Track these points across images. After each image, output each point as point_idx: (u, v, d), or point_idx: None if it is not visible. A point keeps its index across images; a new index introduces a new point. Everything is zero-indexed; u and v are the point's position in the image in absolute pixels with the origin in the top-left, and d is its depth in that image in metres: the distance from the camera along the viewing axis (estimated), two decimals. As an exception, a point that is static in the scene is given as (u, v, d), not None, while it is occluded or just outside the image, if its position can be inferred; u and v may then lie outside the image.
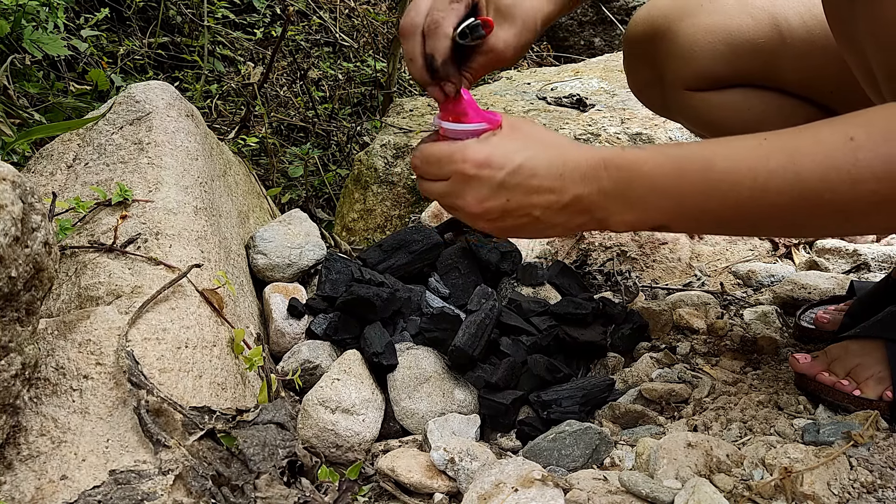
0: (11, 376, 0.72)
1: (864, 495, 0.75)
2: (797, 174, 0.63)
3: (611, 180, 0.69)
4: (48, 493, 0.73)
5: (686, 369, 1.11)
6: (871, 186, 0.61)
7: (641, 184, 0.68)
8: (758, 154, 0.65)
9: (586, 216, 0.72)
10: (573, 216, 0.71)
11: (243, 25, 2.81)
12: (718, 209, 0.67)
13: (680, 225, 0.74)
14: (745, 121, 1.03)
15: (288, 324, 1.17)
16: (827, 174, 0.62)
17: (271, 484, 0.82)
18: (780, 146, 0.65)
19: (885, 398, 0.89)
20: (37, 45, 1.59)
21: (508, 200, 0.71)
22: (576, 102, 1.95)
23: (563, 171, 0.70)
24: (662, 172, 0.68)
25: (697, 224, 0.73)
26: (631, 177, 0.69)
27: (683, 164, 0.68)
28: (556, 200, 0.70)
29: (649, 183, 0.68)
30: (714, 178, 0.66)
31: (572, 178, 0.70)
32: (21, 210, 0.69)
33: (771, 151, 0.65)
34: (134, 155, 1.14)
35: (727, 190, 0.66)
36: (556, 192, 0.70)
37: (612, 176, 0.69)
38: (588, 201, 0.70)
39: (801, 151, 0.64)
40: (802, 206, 0.64)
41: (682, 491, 0.75)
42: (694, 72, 0.99)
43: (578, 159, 0.70)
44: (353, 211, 1.79)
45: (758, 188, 0.64)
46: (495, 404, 1.06)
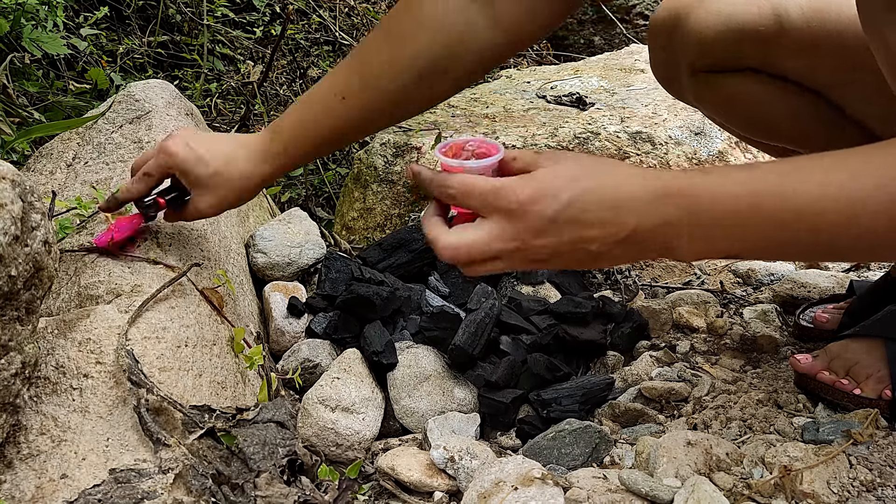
0: (11, 375, 0.72)
1: (863, 494, 0.75)
2: (890, 193, 0.59)
3: (678, 209, 0.64)
4: (48, 491, 0.73)
5: (686, 368, 1.11)
6: None
7: (712, 215, 0.64)
8: (840, 176, 0.61)
9: (649, 246, 0.66)
10: (634, 247, 0.66)
11: (243, 24, 2.80)
12: (801, 237, 0.64)
13: (755, 255, 0.72)
14: (754, 105, 1.05)
15: (288, 322, 1.17)
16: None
17: (271, 482, 0.83)
18: (860, 168, 0.62)
19: (884, 397, 0.89)
20: (36, 43, 1.59)
21: (561, 237, 0.65)
22: (575, 101, 1.95)
23: (618, 202, 0.64)
24: (737, 204, 0.63)
25: (776, 254, 0.70)
26: (700, 208, 0.64)
27: (760, 198, 0.63)
28: (614, 234, 0.64)
29: (721, 215, 0.63)
30: (791, 207, 0.62)
31: (630, 208, 0.64)
32: (21, 209, 0.69)
33: (858, 173, 0.61)
34: (134, 154, 1.13)
35: (812, 219, 0.62)
36: (613, 224, 0.64)
37: (678, 205, 0.64)
38: (650, 232, 0.64)
39: (889, 169, 0.60)
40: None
41: (682, 489, 0.75)
42: (703, 56, 1.03)
43: (634, 189, 0.65)
44: (353, 210, 1.79)
45: (844, 213, 0.61)
46: (495, 403, 1.06)
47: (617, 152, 1.66)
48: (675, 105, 1.81)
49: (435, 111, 2.05)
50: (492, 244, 0.65)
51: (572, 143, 1.69)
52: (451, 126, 1.89)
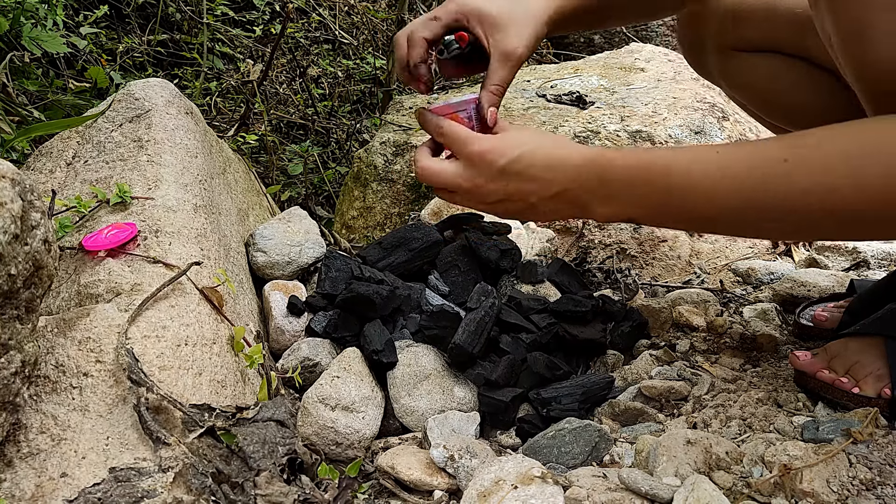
0: (11, 374, 0.72)
1: (863, 493, 0.75)
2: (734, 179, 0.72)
3: (593, 175, 0.79)
4: (48, 490, 0.73)
5: (685, 367, 1.11)
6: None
7: (620, 181, 0.78)
8: (717, 159, 0.73)
9: (572, 206, 0.82)
10: (562, 205, 0.82)
11: (242, 23, 2.80)
12: (680, 208, 0.76)
13: (650, 220, 0.83)
14: (780, 87, 1.08)
15: (287, 321, 1.17)
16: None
17: (271, 481, 0.83)
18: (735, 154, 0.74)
19: (884, 395, 0.89)
20: (36, 42, 1.59)
21: (507, 185, 0.81)
22: (575, 100, 1.95)
23: (556, 164, 0.80)
24: (628, 168, 0.77)
25: (665, 219, 0.81)
26: (611, 174, 0.78)
27: (649, 165, 0.76)
28: (547, 190, 0.80)
29: (626, 182, 0.77)
30: (676, 173, 0.74)
31: (563, 171, 0.80)
32: (20, 208, 0.69)
33: (725, 155, 0.74)
34: (133, 152, 1.13)
35: (686, 190, 0.74)
36: (548, 183, 0.80)
37: (595, 171, 0.79)
38: (573, 194, 0.80)
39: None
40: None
41: (682, 488, 0.75)
42: (733, 32, 1.06)
43: (572, 156, 0.80)
44: (353, 208, 1.78)
45: (710, 186, 0.73)
46: (495, 402, 1.06)
47: (617, 151, 1.66)
48: (675, 104, 1.81)
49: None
50: (454, 178, 0.84)
51: (572, 142, 1.69)
52: (450, 125, 1.89)
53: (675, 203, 0.75)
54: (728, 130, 1.71)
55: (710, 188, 0.72)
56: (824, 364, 0.95)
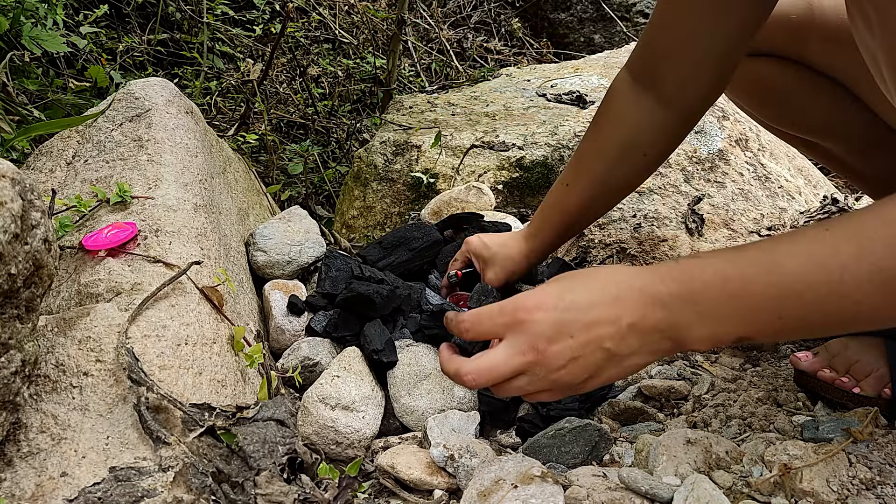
0: (11, 373, 0.72)
1: (863, 492, 0.75)
2: (872, 263, 0.58)
3: (671, 295, 0.64)
4: (48, 489, 0.73)
5: (685, 366, 1.11)
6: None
7: (706, 294, 0.63)
8: (824, 247, 0.60)
9: (658, 337, 0.66)
10: (645, 339, 0.66)
11: (242, 22, 2.80)
12: (797, 313, 0.61)
13: (762, 334, 0.67)
14: (779, 91, 1.06)
15: (288, 321, 1.17)
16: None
17: (271, 481, 0.83)
18: (846, 235, 0.60)
19: (884, 395, 0.89)
20: (36, 41, 1.59)
21: (572, 338, 0.66)
22: (576, 99, 1.95)
23: (618, 294, 0.66)
24: (725, 279, 0.63)
25: (780, 330, 0.66)
26: (692, 288, 0.64)
27: (748, 267, 0.63)
28: (620, 327, 0.65)
29: (713, 292, 0.63)
30: (786, 281, 0.61)
31: (631, 298, 0.66)
32: (21, 207, 0.69)
33: (838, 242, 0.60)
34: (133, 152, 1.13)
35: (803, 291, 0.60)
36: (618, 318, 0.65)
37: (671, 290, 0.64)
38: (653, 320, 0.65)
39: (869, 236, 0.58)
40: (890, 296, 0.58)
41: (682, 487, 0.75)
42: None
43: (631, 280, 0.67)
44: (353, 208, 1.78)
45: (835, 284, 0.59)
46: (495, 401, 1.06)
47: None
48: (675, 103, 1.81)
49: (435, 109, 2.05)
50: (511, 359, 0.67)
51: (572, 142, 1.69)
52: (451, 124, 1.89)
53: (792, 310, 0.61)
54: (728, 130, 1.71)
55: (836, 280, 0.59)
56: (824, 364, 0.95)
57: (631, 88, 1.00)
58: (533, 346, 0.66)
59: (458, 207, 1.55)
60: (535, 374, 0.67)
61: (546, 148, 1.69)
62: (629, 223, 1.51)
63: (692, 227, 1.49)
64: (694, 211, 1.52)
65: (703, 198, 1.54)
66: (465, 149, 1.74)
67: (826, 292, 0.59)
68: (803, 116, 1.07)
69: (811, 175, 1.82)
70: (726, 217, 1.51)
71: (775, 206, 1.57)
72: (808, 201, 1.65)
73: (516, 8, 3.59)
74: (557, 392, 0.69)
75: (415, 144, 1.78)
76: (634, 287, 0.66)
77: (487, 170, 1.69)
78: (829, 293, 0.59)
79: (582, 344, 0.66)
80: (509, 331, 0.68)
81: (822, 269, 0.59)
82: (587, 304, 0.66)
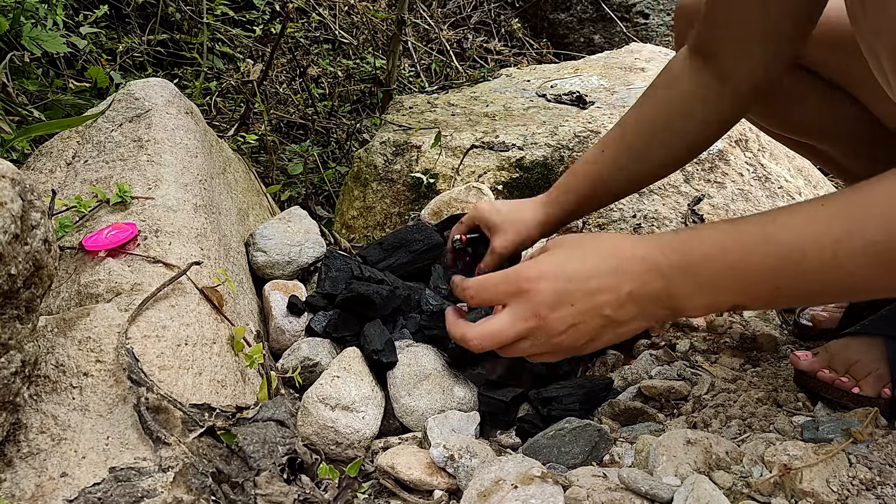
0: (11, 374, 0.72)
1: (862, 492, 0.75)
2: (864, 237, 0.59)
3: (671, 266, 0.67)
4: (48, 490, 0.73)
5: (685, 367, 1.11)
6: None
7: (705, 266, 0.66)
8: (818, 222, 0.62)
9: (656, 305, 0.68)
10: (643, 307, 0.69)
11: (242, 22, 2.80)
12: (793, 283, 0.64)
13: (757, 302, 0.70)
14: (776, 93, 1.05)
15: (288, 321, 1.17)
16: (891, 229, 0.58)
17: (271, 481, 0.83)
18: (839, 210, 0.61)
19: (884, 395, 0.89)
20: (36, 42, 1.59)
21: (573, 306, 0.68)
22: (575, 100, 1.95)
23: (619, 264, 0.68)
24: (724, 250, 0.65)
25: (776, 299, 0.69)
26: (692, 259, 0.66)
27: (745, 239, 0.64)
28: (620, 295, 0.68)
29: (712, 263, 0.66)
30: (782, 252, 0.63)
31: (630, 269, 0.68)
32: (20, 207, 0.69)
33: (831, 217, 0.61)
34: (133, 152, 1.13)
35: (798, 262, 0.62)
36: (618, 286, 0.68)
37: (671, 261, 0.67)
38: (652, 289, 0.67)
39: (861, 212, 0.60)
40: (882, 268, 0.60)
41: (682, 488, 0.75)
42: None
43: (633, 251, 0.69)
44: (353, 208, 1.78)
45: (828, 257, 0.61)
46: (495, 401, 1.06)
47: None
48: (675, 104, 1.81)
49: (435, 109, 2.05)
50: (514, 325, 0.70)
51: (572, 142, 1.69)
52: (451, 125, 1.89)
53: (788, 280, 0.63)
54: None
55: (830, 254, 0.61)
56: (824, 364, 0.95)
57: (690, 61, 0.98)
58: (535, 313, 0.69)
59: (458, 208, 1.55)
60: (538, 339, 0.70)
61: (546, 148, 1.69)
62: (629, 223, 1.51)
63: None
64: (694, 211, 1.52)
65: (703, 198, 1.54)
66: (465, 149, 1.74)
67: (819, 264, 0.61)
68: (799, 119, 1.07)
69: (811, 175, 1.82)
70: (726, 217, 1.51)
71: (775, 206, 1.57)
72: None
73: (516, 8, 3.59)
74: (559, 354, 0.73)
75: (415, 145, 1.78)
76: (635, 257, 0.68)
77: (487, 170, 1.69)
78: (823, 264, 0.61)
79: (582, 311, 0.68)
80: (512, 298, 0.71)
81: (815, 244, 0.61)
82: (588, 272, 0.69)
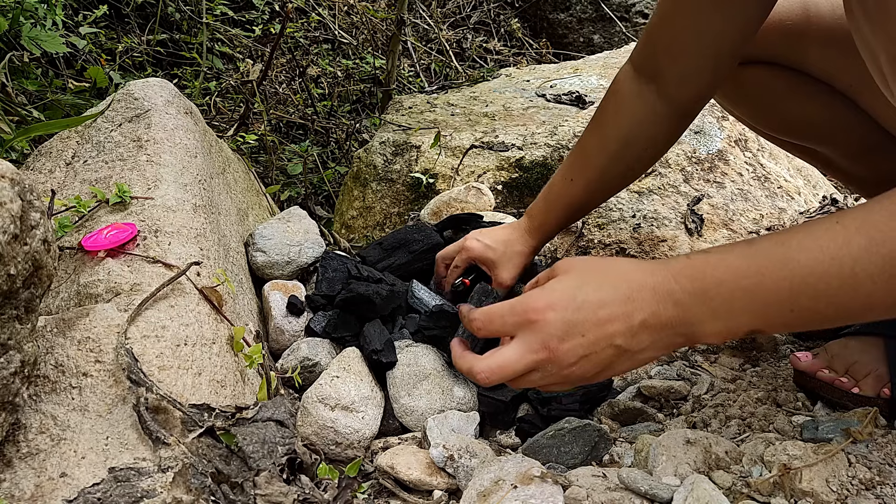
0: (11, 374, 0.72)
1: (862, 492, 0.75)
2: (882, 254, 0.58)
3: (685, 293, 0.65)
4: (48, 490, 0.73)
5: (685, 367, 1.11)
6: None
7: (720, 291, 0.64)
8: (835, 240, 0.60)
9: (670, 333, 0.67)
10: (658, 336, 0.67)
11: (242, 22, 2.80)
12: (811, 305, 0.62)
13: (775, 327, 0.67)
14: (777, 99, 1.05)
15: (287, 321, 1.17)
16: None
17: (271, 481, 0.83)
18: (856, 227, 0.60)
19: (883, 395, 0.89)
20: (35, 42, 1.59)
21: (583, 336, 0.67)
22: (575, 100, 1.95)
23: (630, 293, 0.67)
24: (739, 275, 0.64)
25: (793, 322, 0.66)
26: (706, 286, 0.65)
27: (761, 262, 0.63)
28: (632, 325, 0.66)
29: (727, 289, 0.64)
30: (798, 274, 0.61)
31: (642, 297, 0.66)
32: (20, 207, 0.69)
33: (848, 234, 0.60)
34: (133, 152, 1.13)
35: (815, 284, 0.61)
36: (629, 315, 0.66)
37: (685, 288, 0.65)
38: (665, 318, 0.66)
39: (879, 228, 0.59)
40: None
41: (681, 488, 0.75)
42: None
43: (644, 278, 0.67)
44: (353, 208, 1.78)
45: (847, 276, 0.59)
46: (494, 401, 1.06)
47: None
48: (674, 104, 1.81)
49: (434, 109, 2.05)
50: (523, 357, 0.68)
51: (571, 142, 1.69)
52: (450, 125, 1.89)
53: (806, 302, 0.62)
54: (728, 129, 1.71)
55: (848, 272, 0.59)
56: (824, 364, 0.95)
57: (634, 81, 1.01)
58: (545, 345, 0.67)
59: (458, 208, 1.55)
60: (547, 371, 0.69)
61: (545, 148, 1.69)
62: (628, 223, 1.51)
63: (691, 228, 1.49)
64: (693, 211, 1.52)
65: (703, 198, 1.54)
66: (465, 149, 1.74)
67: (838, 285, 0.60)
68: (797, 123, 1.07)
69: (810, 175, 1.82)
70: (725, 217, 1.51)
71: (774, 206, 1.57)
72: (807, 201, 1.65)
73: (516, 8, 3.59)
74: (569, 384, 0.71)
75: (414, 145, 1.78)
76: (646, 285, 0.67)
77: (487, 170, 1.69)
78: (842, 286, 0.60)
79: (593, 342, 0.67)
80: (520, 330, 0.69)
81: (834, 262, 0.60)
82: (598, 302, 0.67)
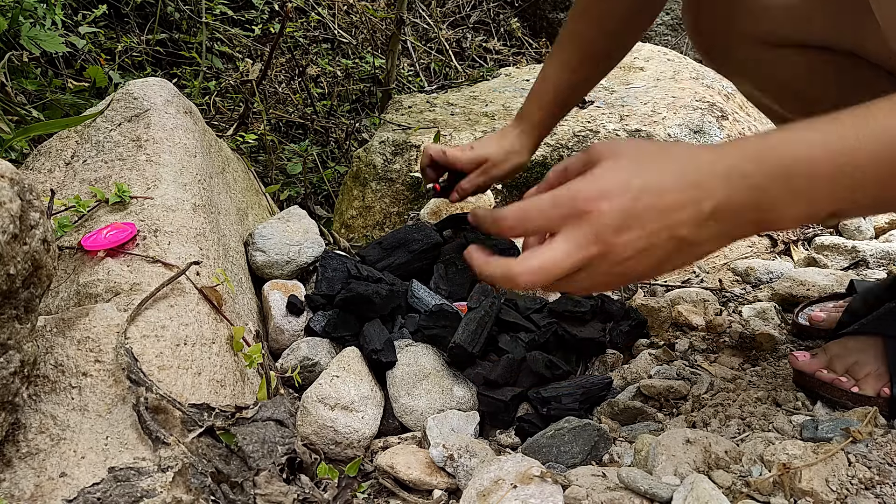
0: (10, 374, 0.72)
1: (862, 492, 0.75)
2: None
3: (762, 174, 0.58)
4: (47, 490, 0.73)
5: (685, 366, 1.11)
6: None
7: (801, 170, 0.57)
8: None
9: (741, 221, 0.60)
10: (727, 226, 0.60)
11: (241, 22, 2.80)
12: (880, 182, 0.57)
13: (858, 208, 0.63)
14: (807, 81, 1.01)
15: (287, 321, 1.17)
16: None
17: (271, 481, 0.83)
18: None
19: (883, 395, 0.89)
20: (34, 41, 1.59)
21: (644, 227, 0.59)
22: (575, 99, 1.94)
23: (699, 178, 0.59)
24: (820, 154, 0.57)
25: (877, 203, 0.61)
26: (787, 165, 0.58)
27: (847, 133, 0.57)
28: (701, 212, 0.59)
29: (810, 169, 0.57)
30: (881, 146, 0.56)
31: (712, 182, 0.59)
32: (19, 207, 0.68)
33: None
34: (132, 152, 1.13)
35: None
36: (698, 202, 0.59)
37: (763, 170, 0.58)
38: (740, 202, 0.59)
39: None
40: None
41: (681, 487, 0.75)
42: (764, 24, 0.97)
43: (713, 161, 0.60)
44: (352, 208, 1.78)
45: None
46: (494, 401, 1.06)
47: (616, 150, 1.66)
48: (674, 103, 1.81)
49: (434, 109, 2.05)
50: (572, 254, 0.59)
51: (571, 142, 1.69)
52: (450, 124, 1.89)
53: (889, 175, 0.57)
54: (727, 129, 1.72)
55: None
56: (823, 363, 0.95)
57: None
58: (598, 238, 0.59)
59: (458, 208, 1.55)
60: (597, 268, 0.60)
61: (545, 148, 1.69)
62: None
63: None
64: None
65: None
66: (465, 149, 1.74)
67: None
68: (815, 100, 1.03)
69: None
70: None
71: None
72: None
73: (515, 8, 3.59)
74: (619, 284, 0.64)
75: (414, 144, 1.78)
76: (717, 168, 0.59)
77: (486, 170, 1.68)
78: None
79: (654, 232, 0.59)
80: (567, 223, 0.60)
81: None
82: (660, 188, 0.59)
